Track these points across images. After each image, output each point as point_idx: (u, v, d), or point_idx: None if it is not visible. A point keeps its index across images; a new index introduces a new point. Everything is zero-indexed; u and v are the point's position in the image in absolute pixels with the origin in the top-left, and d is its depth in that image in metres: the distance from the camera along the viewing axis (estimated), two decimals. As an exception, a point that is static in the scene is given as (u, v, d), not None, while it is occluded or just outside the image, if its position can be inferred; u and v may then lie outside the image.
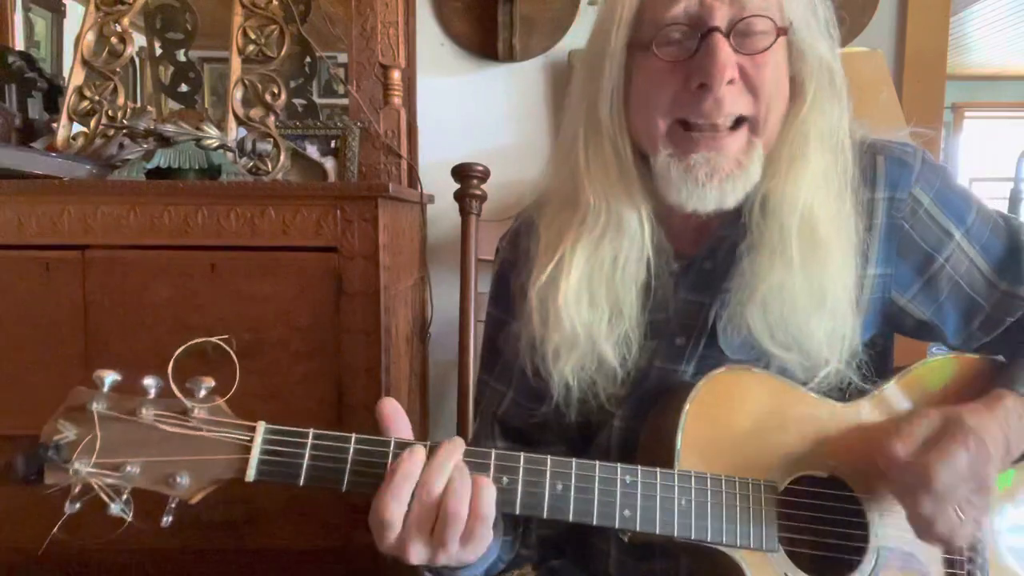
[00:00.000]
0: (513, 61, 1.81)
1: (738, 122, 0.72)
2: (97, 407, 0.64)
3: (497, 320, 0.91)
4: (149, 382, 0.65)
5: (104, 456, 0.63)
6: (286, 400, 1.20)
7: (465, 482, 0.65)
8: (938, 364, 0.80)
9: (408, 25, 1.76)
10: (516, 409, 0.89)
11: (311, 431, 0.68)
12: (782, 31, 0.71)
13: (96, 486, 0.63)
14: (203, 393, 0.66)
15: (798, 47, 0.73)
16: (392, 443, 0.68)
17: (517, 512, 0.68)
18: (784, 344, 0.75)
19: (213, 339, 0.67)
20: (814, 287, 0.73)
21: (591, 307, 0.76)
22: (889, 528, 0.74)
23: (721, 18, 0.69)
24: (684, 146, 0.72)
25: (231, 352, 0.67)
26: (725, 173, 0.71)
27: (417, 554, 0.65)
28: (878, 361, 0.83)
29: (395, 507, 0.63)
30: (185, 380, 0.66)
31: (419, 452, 0.65)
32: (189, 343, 0.66)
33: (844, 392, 0.78)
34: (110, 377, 0.65)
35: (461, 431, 1.52)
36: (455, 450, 0.66)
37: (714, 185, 0.71)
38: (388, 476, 0.64)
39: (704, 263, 0.80)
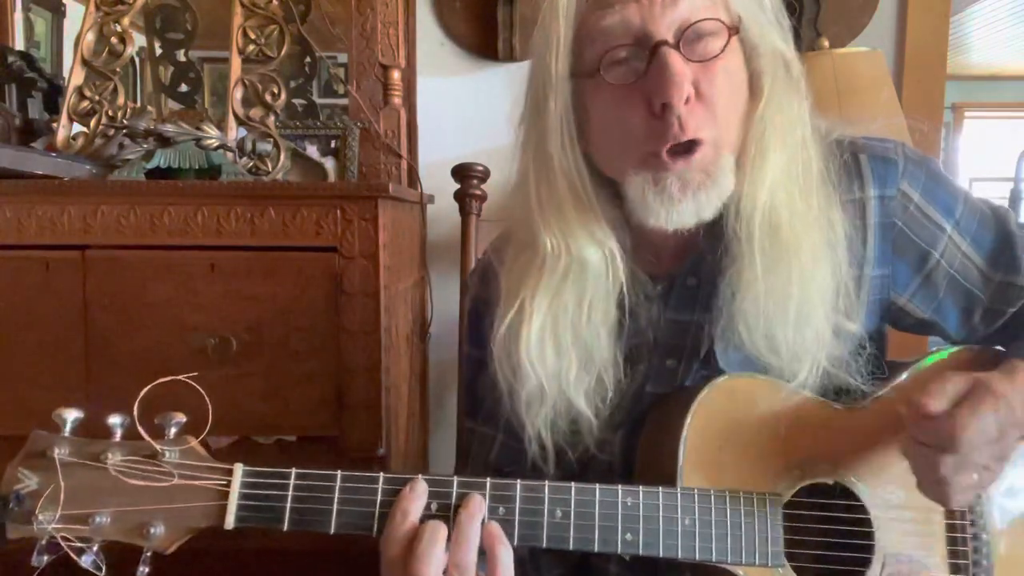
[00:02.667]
0: (513, 61, 1.80)
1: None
2: (59, 453, 0.59)
3: (476, 360, 0.87)
4: (115, 421, 0.61)
5: (70, 507, 0.59)
6: (286, 400, 1.19)
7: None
8: (946, 360, 0.80)
9: (408, 25, 1.76)
10: (508, 452, 0.85)
11: (292, 471, 0.64)
12: (733, 30, 0.67)
13: (62, 542, 0.58)
14: (174, 431, 0.61)
15: (751, 42, 0.70)
16: (381, 478, 0.65)
17: (515, 543, 0.66)
18: (774, 350, 0.72)
19: (180, 377, 0.61)
20: (780, 291, 0.70)
21: (557, 356, 0.73)
22: (894, 533, 0.73)
23: (667, 29, 0.65)
24: (655, 168, 0.69)
25: (201, 391, 0.61)
26: (696, 185, 0.68)
27: None
28: (875, 356, 0.83)
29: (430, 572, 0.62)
30: (160, 408, 0.60)
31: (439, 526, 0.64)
32: (154, 383, 0.59)
33: (844, 394, 0.77)
34: (71, 416, 0.60)
35: (461, 431, 1.52)
36: (478, 514, 0.65)
37: (688, 198, 0.68)
38: (416, 542, 0.63)
39: (688, 279, 0.78)
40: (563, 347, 0.73)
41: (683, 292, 0.78)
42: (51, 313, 1.20)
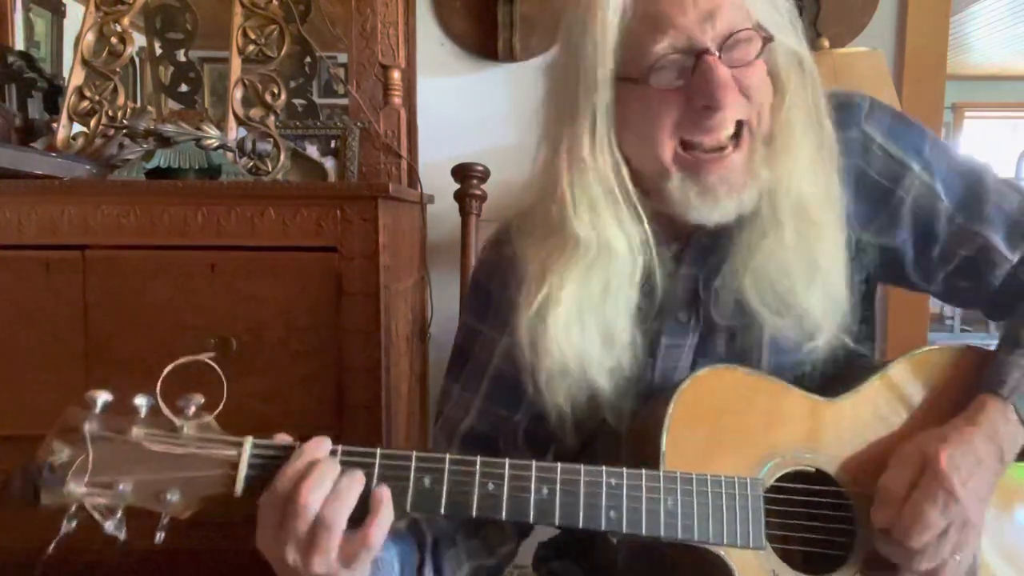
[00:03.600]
0: (513, 61, 1.81)
1: (737, 129, 0.73)
2: (89, 428, 0.65)
3: (472, 329, 0.90)
4: (140, 401, 0.66)
5: (96, 475, 0.64)
6: (286, 400, 1.19)
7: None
8: (924, 357, 0.81)
9: (408, 25, 1.76)
10: (483, 417, 0.88)
11: (297, 444, 0.67)
12: (768, 39, 0.73)
13: (89, 506, 0.64)
14: (192, 410, 0.67)
15: (770, 44, 0.75)
16: (377, 454, 0.67)
17: (503, 517, 0.68)
18: (776, 310, 0.77)
19: (200, 356, 0.67)
20: (806, 260, 0.76)
21: (581, 336, 0.77)
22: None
23: (710, 40, 0.71)
24: (694, 169, 0.73)
25: (218, 370, 0.67)
26: (741, 185, 0.73)
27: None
28: (859, 307, 0.84)
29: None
30: (177, 394, 0.66)
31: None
32: (176, 363, 0.65)
33: (836, 368, 0.81)
34: (102, 398, 0.66)
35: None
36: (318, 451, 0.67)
37: (733, 199, 0.74)
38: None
39: (702, 239, 0.81)
40: (587, 329, 0.77)
41: (697, 250, 0.82)
42: (51, 313, 1.20)
